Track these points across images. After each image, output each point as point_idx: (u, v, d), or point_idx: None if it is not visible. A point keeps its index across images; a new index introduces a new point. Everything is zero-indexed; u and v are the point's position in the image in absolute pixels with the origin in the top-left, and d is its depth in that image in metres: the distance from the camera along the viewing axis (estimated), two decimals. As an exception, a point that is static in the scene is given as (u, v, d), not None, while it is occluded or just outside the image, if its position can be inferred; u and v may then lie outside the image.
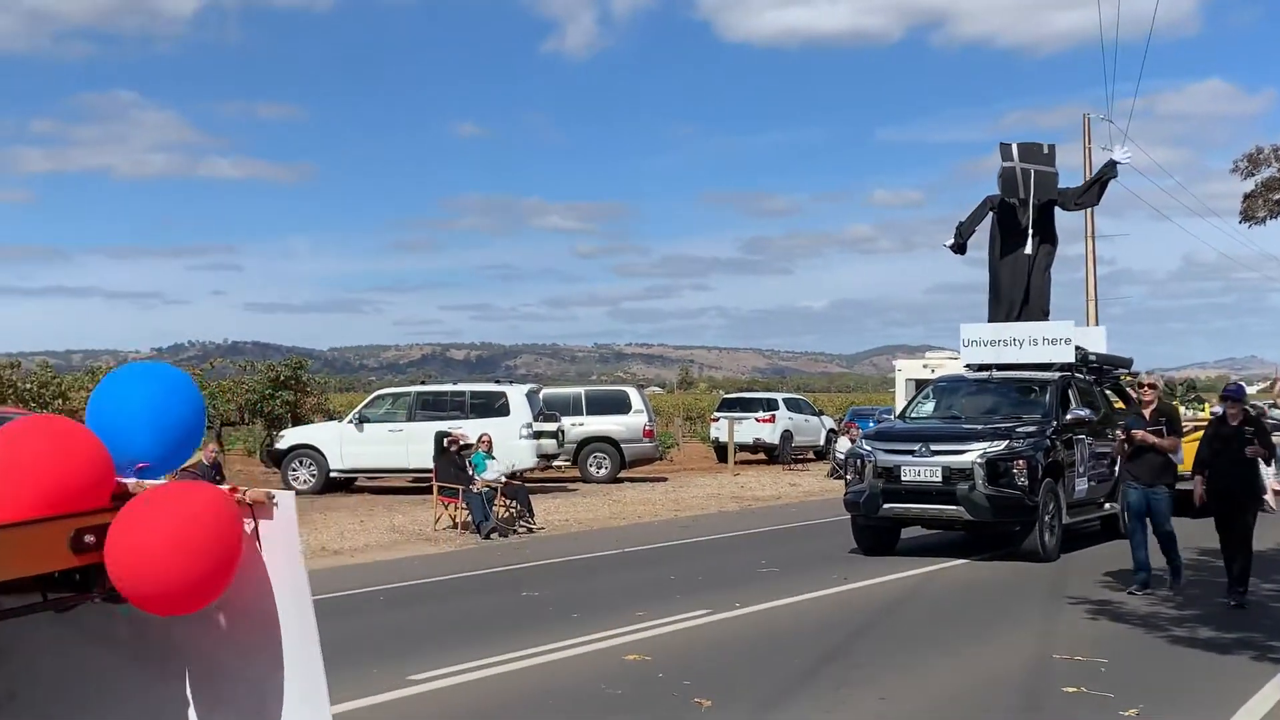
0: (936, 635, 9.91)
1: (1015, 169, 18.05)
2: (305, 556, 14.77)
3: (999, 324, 17.68)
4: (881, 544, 15.06)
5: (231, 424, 31.51)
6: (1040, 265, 18.21)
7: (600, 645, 9.48)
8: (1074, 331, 17.18)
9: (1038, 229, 18.04)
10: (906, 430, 15.56)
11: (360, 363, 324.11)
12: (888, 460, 14.63)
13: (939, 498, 14.26)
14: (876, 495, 14.51)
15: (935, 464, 14.29)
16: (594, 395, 30.05)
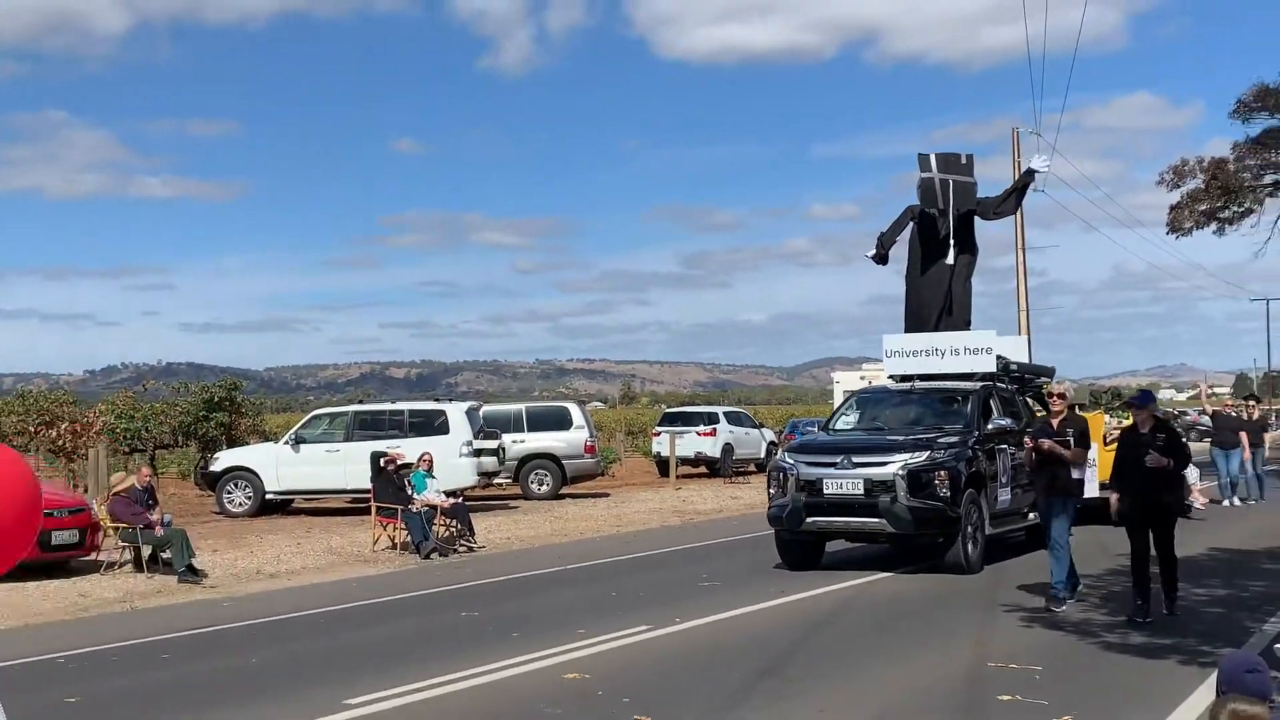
0: (873, 646, 9.97)
1: (934, 179, 18.00)
2: (230, 581, 14.64)
3: (921, 334, 17.55)
4: (806, 558, 14.92)
5: (165, 447, 31.10)
6: (961, 275, 18.15)
7: (540, 664, 9.44)
8: (995, 341, 17.07)
9: (957, 239, 18.00)
10: (829, 443, 15.38)
11: (298, 382, 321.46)
12: (810, 473, 14.51)
13: (861, 510, 14.16)
14: (799, 509, 14.39)
15: (857, 476, 14.19)
16: (535, 412, 29.96)
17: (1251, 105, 37.14)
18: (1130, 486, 11.02)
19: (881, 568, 14.61)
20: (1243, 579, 13.36)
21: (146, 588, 14.66)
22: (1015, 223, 39.63)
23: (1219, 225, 39.43)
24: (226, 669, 9.74)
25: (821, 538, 14.98)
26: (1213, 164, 38.38)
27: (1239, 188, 38.60)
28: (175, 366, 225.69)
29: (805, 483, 14.45)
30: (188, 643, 11.07)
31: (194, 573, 15.22)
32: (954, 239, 17.86)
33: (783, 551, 15.00)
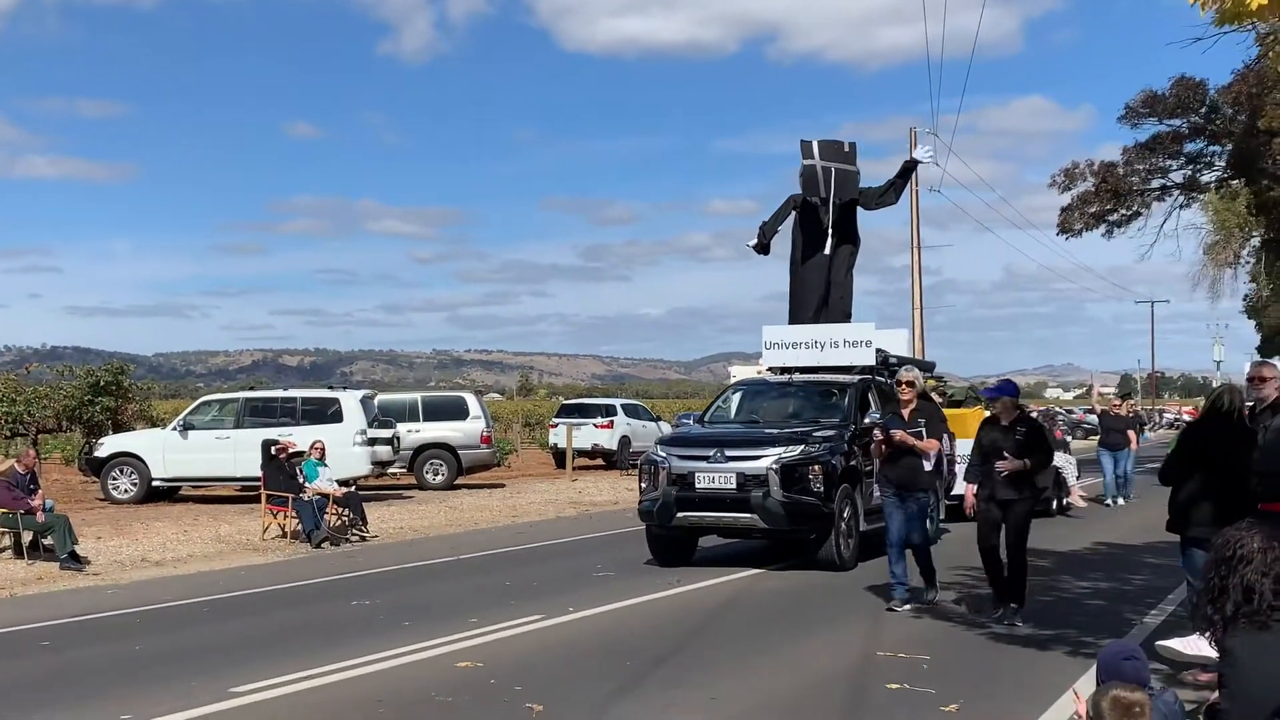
0: (764, 637, 10.03)
1: (816, 167, 17.50)
2: (114, 568, 14.28)
3: (800, 326, 17.15)
4: (676, 554, 14.53)
5: (49, 431, 30.20)
6: (842, 265, 17.76)
7: (432, 653, 9.35)
8: (875, 334, 16.58)
9: (839, 229, 17.56)
10: (702, 435, 14.90)
11: (187, 369, 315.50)
12: (682, 467, 14.07)
13: (733, 505, 13.80)
14: (670, 503, 13.96)
15: (729, 470, 13.80)
16: (431, 401, 29.73)
17: (1139, 111, 38.09)
18: (985, 480, 10.47)
19: (754, 564, 14.27)
20: (1124, 573, 13.68)
21: (27, 575, 14.27)
22: (910, 221, 40.26)
23: (1108, 228, 40.40)
24: (109, 657, 9.50)
25: (693, 533, 14.58)
26: (1102, 168, 39.30)
27: (1127, 191, 39.58)
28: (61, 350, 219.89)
29: (677, 476, 14.04)
30: (69, 630, 10.80)
31: (76, 560, 14.85)
32: (833, 228, 17.44)
33: (653, 547, 14.62)
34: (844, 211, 17.62)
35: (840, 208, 17.50)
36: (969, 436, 19.31)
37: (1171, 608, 11.02)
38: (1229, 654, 4.31)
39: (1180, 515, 8.78)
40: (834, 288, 17.57)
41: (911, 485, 11.28)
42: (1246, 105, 33.88)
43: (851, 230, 17.90)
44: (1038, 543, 16.34)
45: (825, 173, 17.37)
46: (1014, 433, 10.38)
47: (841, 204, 17.50)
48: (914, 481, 11.29)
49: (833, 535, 13.72)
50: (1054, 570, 13.93)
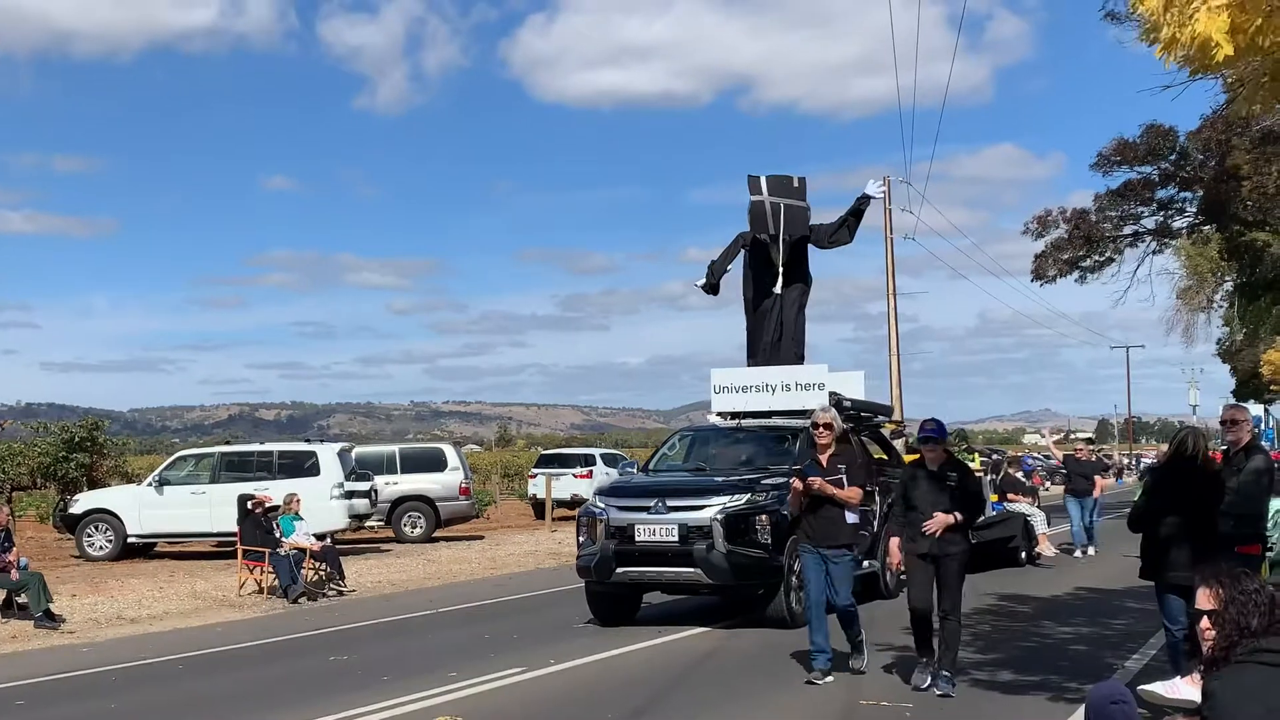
0: (745, 688, 9.97)
1: (764, 203, 16.69)
2: (90, 626, 14.13)
3: (750, 369, 16.30)
4: (619, 612, 13.70)
5: (23, 488, 30.04)
6: (792, 305, 16.89)
7: (411, 707, 9.26)
8: (828, 376, 15.70)
9: (789, 267, 16.72)
10: (643, 485, 14.04)
11: (163, 424, 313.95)
12: (621, 518, 13.23)
13: (675, 559, 12.92)
14: (609, 558, 13.10)
15: (671, 521, 12.97)
16: (409, 453, 29.62)
17: (1111, 158, 38.46)
18: (912, 531, 9.56)
19: (703, 621, 13.44)
20: (1105, 617, 13.66)
21: (2, 633, 14.12)
22: (886, 268, 40.50)
23: (1081, 274, 40.68)
24: (85, 716, 9.41)
25: (636, 589, 13.74)
26: (1075, 215, 39.63)
27: (1100, 238, 39.91)
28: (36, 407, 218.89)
29: (616, 529, 13.20)
30: (44, 689, 10.67)
31: (51, 618, 14.68)
32: (782, 267, 16.60)
33: (593, 604, 13.78)
34: (795, 249, 16.90)
35: (791, 245, 16.77)
36: None
37: (1153, 652, 11.00)
38: (1211, 696, 4.31)
39: (1154, 561, 8.82)
40: (785, 328, 16.78)
41: (831, 539, 10.04)
42: (1216, 150, 34.27)
43: (802, 269, 17.15)
44: (1018, 589, 16.43)
45: (774, 209, 16.65)
46: (943, 479, 9.49)
47: (792, 241, 16.77)
48: (834, 535, 10.03)
49: (782, 590, 12.83)
50: (1035, 616, 13.92)
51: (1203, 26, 6.64)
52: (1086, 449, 23.22)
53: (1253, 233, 36.11)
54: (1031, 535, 20.41)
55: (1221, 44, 6.62)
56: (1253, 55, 7.14)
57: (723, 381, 15.88)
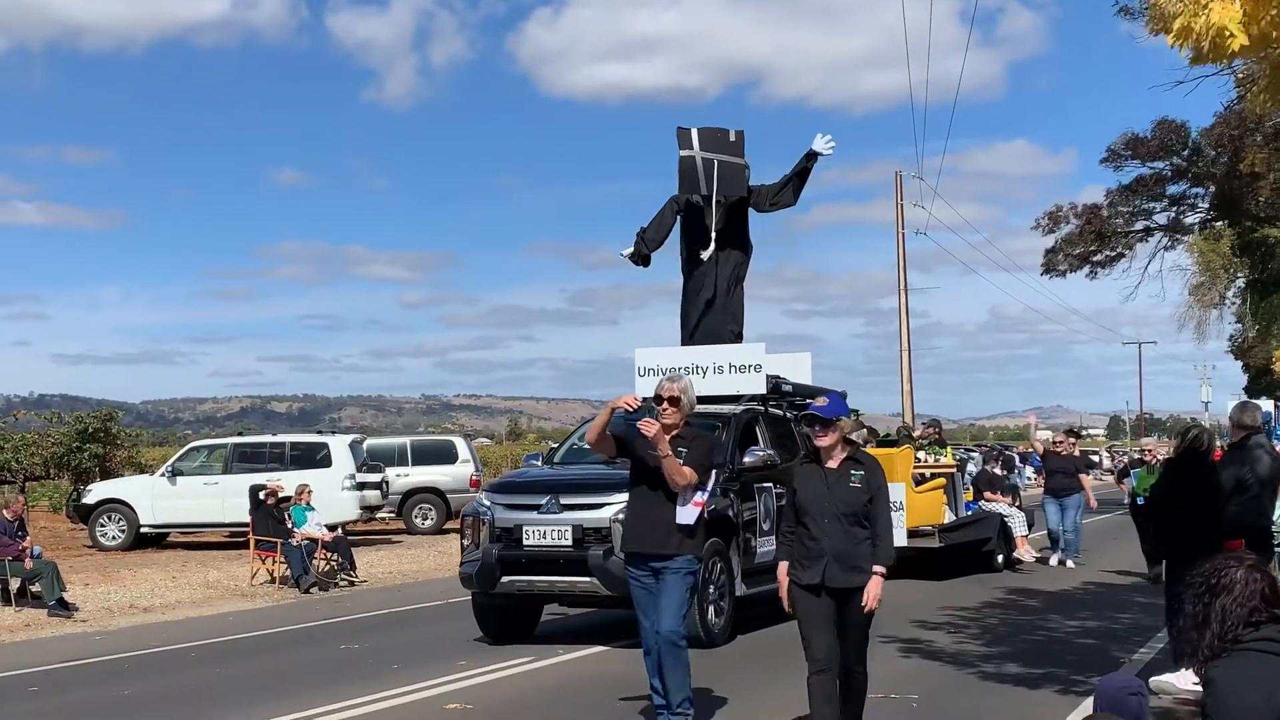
0: (753, 679, 10.00)
1: (695, 158, 14.67)
2: (102, 614, 14.18)
3: (678, 349, 14.43)
4: (510, 628, 11.90)
5: (37, 479, 30.16)
6: (728, 277, 14.90)
7: (420, 695, 9.33)
8: (766, 357, 13.89)
9: (724, 233, 14.78)
10: (535, 479, 12.19)
11: (175, 416, 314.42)
12: (507, 518, 11.41)
13: (568, 567, 11.05)
14: (491, 565, 11.25)
15: (565, 522, 11.12)
16: (419, 445, 29.70)
17: (1122, 153, 38.45)
18: (804, 552, 6.98)
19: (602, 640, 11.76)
20: (1113, 611, 13.69)
21: (15, 621, 14.22)
22: (898, 264, 40.47)
23: (1092, 269, 40.66)
24: (96, 702, 9.47)
25: (531, 601, 11.93)
26: (1087, 210, 39.62)
27: (1111, 233, 39.89)
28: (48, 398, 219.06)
29: (501, 530, 11.40)
30: (57, 675, 10.76)
31: (65, 606, 14.79)
32: (714, 230, 14.61)
33: (480, 619, 11.98)
34: (732, 213, 14.93)
35: (727, 208, 14.84)
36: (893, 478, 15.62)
37: (1160, 645, 11.02)
38: (1211, 684, 4.34)
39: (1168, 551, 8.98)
40: (718, 302, 14.83)
41: (659, 549, 7.64)
42: (1228, 147, 34.23)
43: (741, 235, 15.14)
44: (1026, 583, 16.42)
45: (706, 166, 14.63)
46: (846, 478, 6.96)
47: (728, 203, 14.84)
48: (663, 543, 7.63)
49: (694, 603, 10.10)
50: (1042, 609, 13.94)
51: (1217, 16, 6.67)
52: (1068, 441, 19.93)
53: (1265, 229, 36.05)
54: (1009, 538, 18.46)
55: (1236, 34, 6.66)
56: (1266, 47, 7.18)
57: (648, 363, 13.84)
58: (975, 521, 17.92)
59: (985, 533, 17.78)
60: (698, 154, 14.66)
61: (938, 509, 17.13)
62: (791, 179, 15.06)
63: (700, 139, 14.69)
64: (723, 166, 14.68)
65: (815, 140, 14.86)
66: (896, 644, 11.27)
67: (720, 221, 14.66)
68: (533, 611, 12.23)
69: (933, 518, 16.78)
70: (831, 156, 14.99)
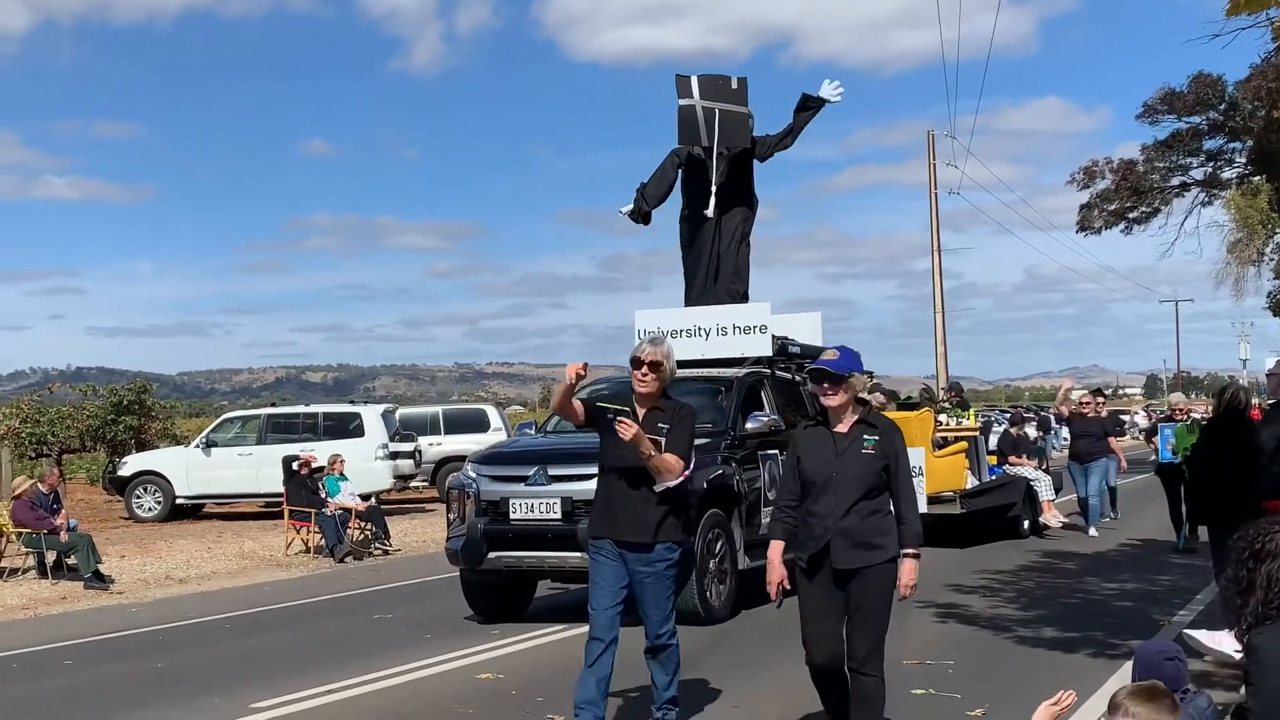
0: (786, 646, 9.90)
1: (695, 108, 13.91)
2: (138, 586, 14.23)
3: (680, 310, 13.92)
4: (502, 605, 11.38)
5: (73, 451, 30.41)
6: (732, 234, 14.18)
7: (453, 665, 9.33)
8: (772, 318, 13.32)
9: (728, 186, 14.03)
10: (524, 450, 11.52)
11: (211, 387, 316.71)
12: (493, 491, 10.84)
13: (557, 541, 10.42)
14: (477, 540, 10.70)
15: (553, 494, 10.51)
16: (452, 414, 29.73)
17: (1158, 109, 37.88)
18: (805, 533, 6.17)
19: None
20: (1151, 573, 13.55)
21: (51, 594, 14.31)
22: (930, 225, 40.14)
23: (1127, 225, 40.16)
24: (132, 675, 9.50)
25: (518, 578, 11.32)
26: (1122, 165, 39.08)
27: (1148, 189, 39.36)
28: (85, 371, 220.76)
29: (487, 504, 10.83)
30: (92, 649, 10.81)
31: (100, 578, 14.88)
32: (716, 186, 13.86)
33: (469, 596, 11.45)
34: (735, 166, 14.18)
35: (730, 160, 14.10)
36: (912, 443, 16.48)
37: (1200, 608, 10.90)
38: (1254, 651, 4.24)
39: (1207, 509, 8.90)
40: (723, 261, 14.16)
41: (635, 536, 6.77)
42: (1266, 100, 33.65)
43: (745, 189, 14.36)
44: (1063, 545, 16.25)
45: (707, 115, 13.90)
46: (858, 445, 6.05)
47: (731, 155, 14.10)
48: (640, 529, 6.76)
49: (693, 579, 10.14)
50: (1079, 572, 13.82)
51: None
52: (1094, 402, 18.49)
53: (1304, 183, 35.51)
54: (1035, 503, 17.85)
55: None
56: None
57: (648, 325, 13.04)
58: (999, 486, 17.34)
59: (1010, 498, 17.25)
60: (698, 103, 13.95)
61: (959, 474, 16.52)
62: (793, 125, 14.45)
63: (700, 87, 14.00)
64: (724, 116, 13.95)
65: (823, 86, 14.35)
66: (932, 609, 11.18)
67: (722, 175, 13.98)
68: (525, 588, 11.70)
69: (954, 483, 16.22)
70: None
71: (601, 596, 6.77)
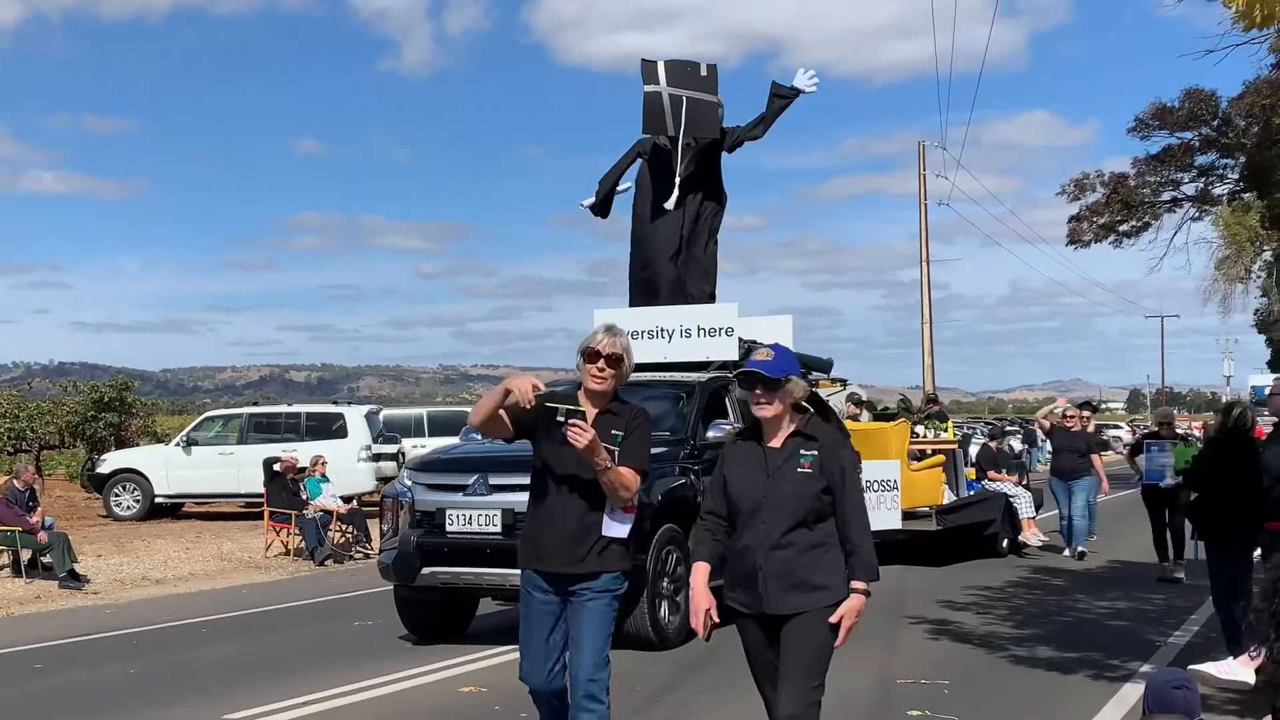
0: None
1: (661, 95, 13.13)
2: (114, 587, 13.96)
3: (642, 309, 13.04)
4: (439, 622, 10.61)
5: (52, 447, 30.08)
6: (699, 229, 13.46)
7: (435, 677, 9.07)
8: (738, 320, 12.53)
9: (693, 179, 13.30)
10: (462, 456, 10.60)
11: (194, 384, 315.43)
12: (428, 500, 10.01)
13: (496, 556, 9.40)
14: (410, 554, 9.89)
15: (493, 505, 9.59)
16: (437, 416, 29.48)
17: (1149, 123, 37.83)
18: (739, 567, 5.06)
19: None
20: (1142, 591, 13.35)
21: (25, 593, 14.03)
22: (920, 235, 40.06)
23: (1117, 239, 40.11)
24: (102, 680, 9.23)
25: (456, 594, 10.39)
26: (1114, 179, 39.05)
27: (1138, 203, 39.32)
28: (68, 366, 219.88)
29: (422, 515, 10.00)
30: (63, 651, 10.54)
31: (76, 578, 14.59)
32: (679, 177, 13.14)
33: (403, 614, 10.62)
34: (704, 158, 13.45)
35: (698, 151, 13.38)
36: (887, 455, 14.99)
37: (1196, 629, 10.73)
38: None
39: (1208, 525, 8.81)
40: (689, 259, 13.44)
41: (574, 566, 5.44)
42: (1260, 116, 33.60)
43: (714, 183, 13.65)
44: (1048, 561, 15.96)
45: (674, 103, 13.11)
46: (794, 462, 4.96)
47: (699, 146, 13.38)
48: (579, 557, 5.44)
49: (645, 598, 9.55)
50: (1068, 589, 13.62)
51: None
52: (1080, 416, 17.43)
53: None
54: (1015, 520, 17.10)
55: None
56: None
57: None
58: (977, 502, 16.71)
59: (988, 514, 16.54)
60: (664, 90, 13.15)
61: (936, 488, 16.11)
62: (765, 116, 13.72)
63: (667, 73, 13.21)
64: (692, 104, 13.16)
65: (797, 75, 13.61)
66: (925, 625, 10.98)
67: (689, 167, 13.23)
68: (466, 605, 10.86)
69: (930, 498, 15.80)
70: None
71: (534, 633, 5.52)
